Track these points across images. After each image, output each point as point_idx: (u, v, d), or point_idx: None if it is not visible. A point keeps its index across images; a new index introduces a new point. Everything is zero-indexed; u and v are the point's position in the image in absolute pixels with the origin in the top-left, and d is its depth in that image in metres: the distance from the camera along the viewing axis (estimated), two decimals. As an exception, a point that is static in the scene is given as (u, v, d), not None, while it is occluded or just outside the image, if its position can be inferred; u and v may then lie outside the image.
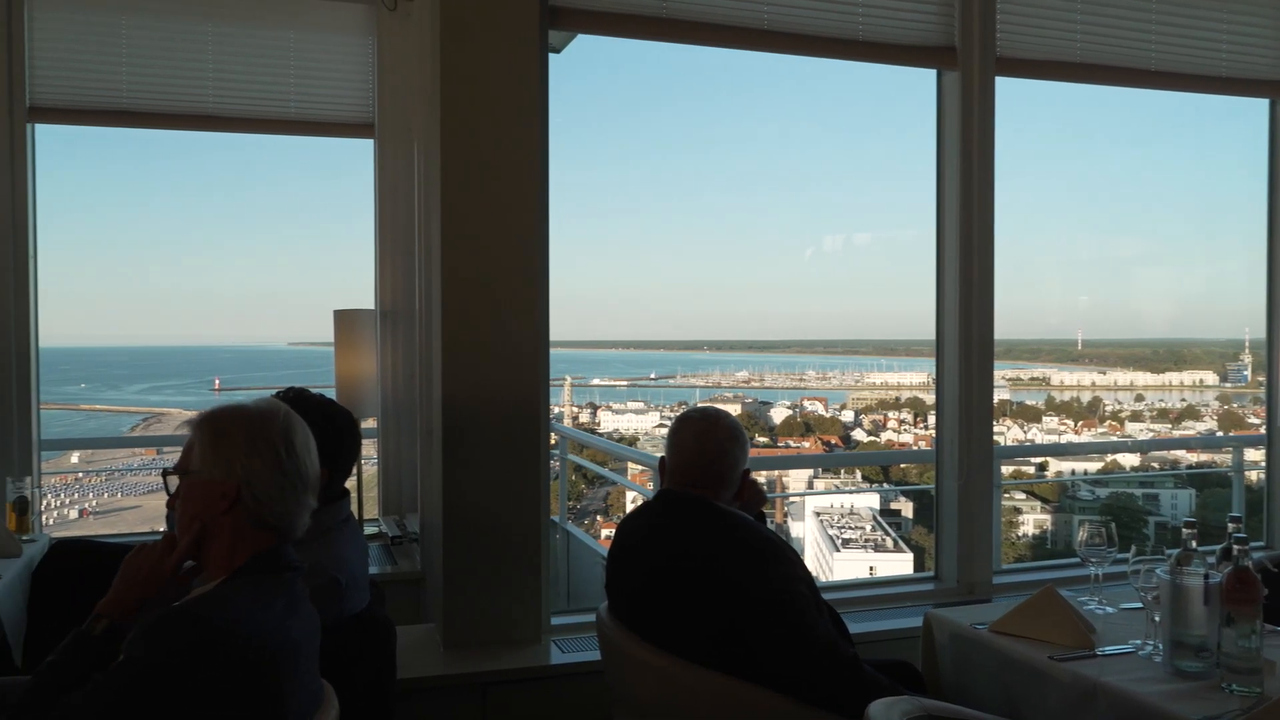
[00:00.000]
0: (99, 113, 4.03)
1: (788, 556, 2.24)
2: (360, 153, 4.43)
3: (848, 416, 37.85)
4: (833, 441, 33.56)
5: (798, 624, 2.13)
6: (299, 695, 1.65)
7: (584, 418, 38.89)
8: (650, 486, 4.79)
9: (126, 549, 3.54)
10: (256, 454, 1.67)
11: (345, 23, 4.32)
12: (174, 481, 1.75)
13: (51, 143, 4.03)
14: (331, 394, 4.06)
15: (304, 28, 4.27)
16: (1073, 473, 20.17)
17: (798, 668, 2.12)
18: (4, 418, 3.89)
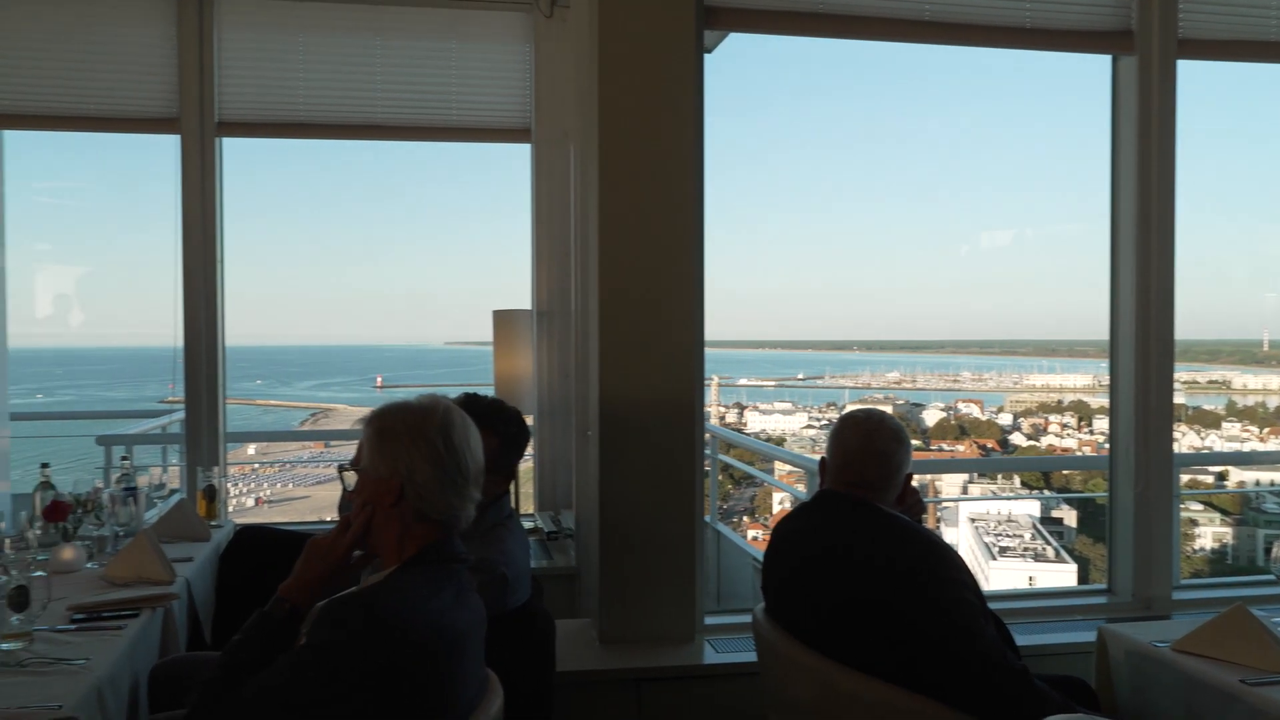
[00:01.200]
0: (279, 125, 4.28)
1: (954, 562, 2.17)
2: (518, 157, 4.55)
3: (1005, 419, 36.40)
4: (989, 445, 32.35)
5: (965, 633, 2.06)
6: (466, 682, 1.70)
7: (730, 417, 38.80)
8: (803, 488, 4.73)
9: (302, 536, 3.75)
10: (416, 450, 1.73)
11: (503, 31, 4.44)
12: (351, 476, 1.83)
13: (236, 155, 4.31)
14: (490, 392, 4.19)
15: (464, 38, 4.41)
16: (1257, 483, 18.75)
17: (965, 678, 2.04)
18: (195, 412, 4.19)
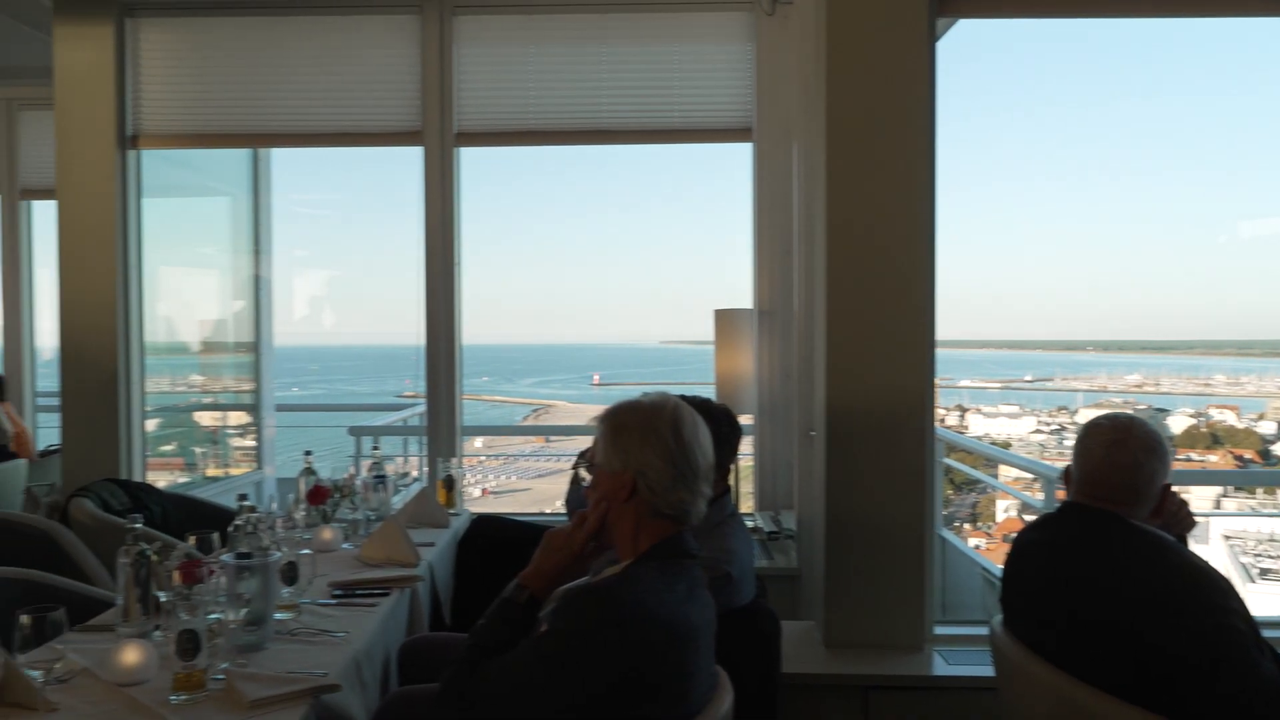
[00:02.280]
0: (511, 134, 4.48)
1: (1220, 585, 1.97)
2: (739, 156, 4.55)
3: (1267, 428, 33.02)
4: (1247, 456, 29.45)
5: (1237, 663, 1.87)
6: (699, 677, 1.72)
7: (951, 420, 37.30)
8: (1038, 496, 4.47)
9: (533, 526, 3.92)
10: (648, 445, 1.77)
11: (725, 31, 4.45)
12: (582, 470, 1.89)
13: (471, 163, 4.55)
14: (710, 391, 4.21)
15: (687, 40, 4.46)
16: None
17: (1236, 713, 1.86)
18: (435, 406, 4.46)
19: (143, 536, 2.21)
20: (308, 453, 3.42)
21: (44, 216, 6.16)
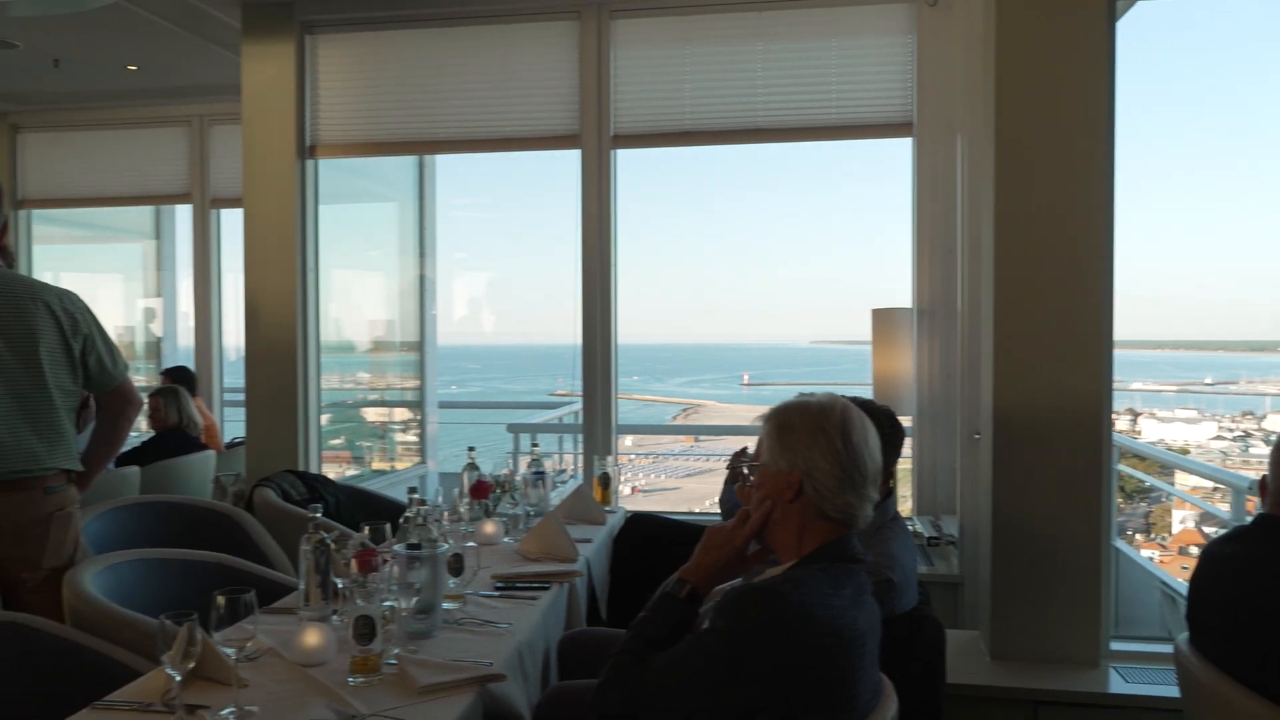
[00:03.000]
0: (667, 135, 4.51)
1: None
2: (899, 151, 4.44)
3: None
4: None
5: None
6: (863, 683, 1.68)
7: (1122, 424, 35.31)
8: (1223, 507, 4.18)
9: (688, 525, 3.92)
10: (816, 446, 1.74)
11: (884, 25, 4.35)
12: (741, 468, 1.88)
13: (626, 164, 4.61)
14: (868, 392, 4.12)
15: (844, 34, 4.38)
16: None
17: None
18: (591, 405, 4.53)
19: (322, 526, 2.33)
20: (471, 448, 3.53)
21: (231, 224, 6.61)
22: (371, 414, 6.33)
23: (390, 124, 4.71)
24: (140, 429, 5.33)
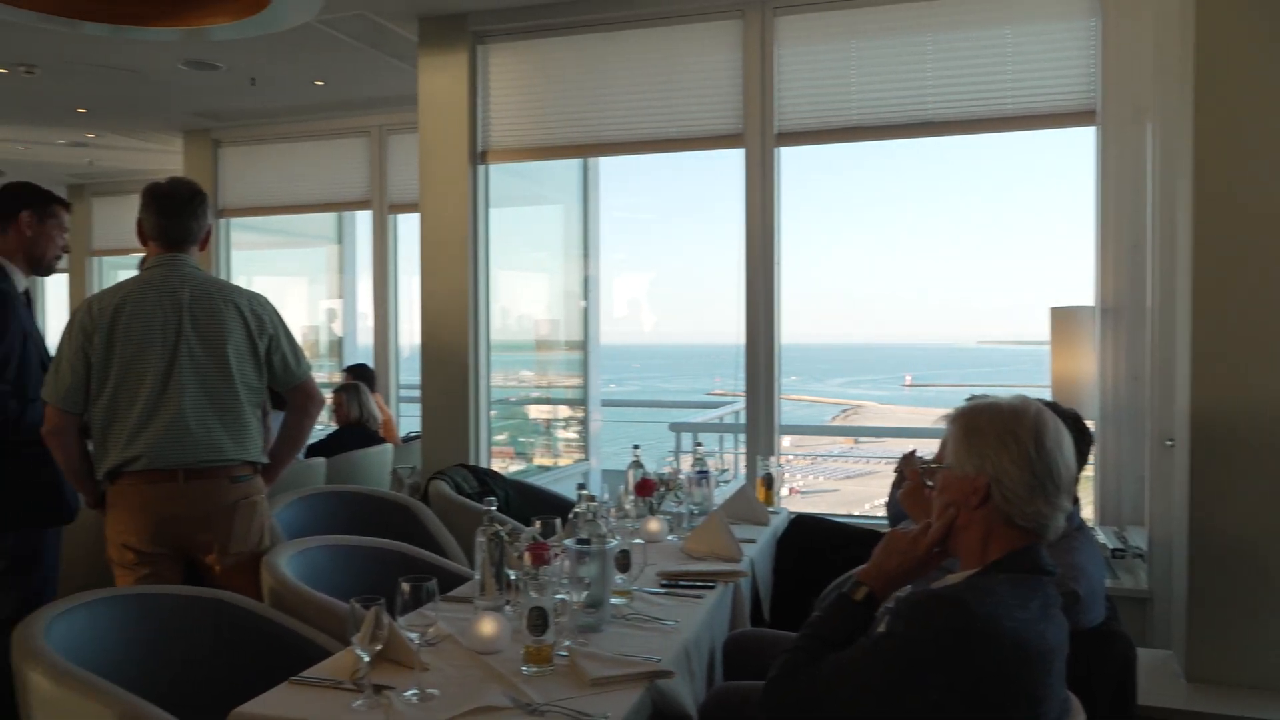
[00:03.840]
0: (832, 131, 4.43)
1: None
2: (1077, 142, 4.21)
3: None
4: None
5: None
6: (1050, 701, 1.60)
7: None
8: None
9: (853, 529, 3.85)
10: (1005, 450, 1.67)
11: (1064, 7, 4.14)
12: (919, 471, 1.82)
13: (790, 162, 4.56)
14: (1045, 395, 3.93)
15: (1020, 20, 4.19)
16: None
17: None
18: (754, 405, 4.51)
19: (496, 519, 2.41)
20: (636, 446, 3.57)
21: (407, 228, 6.92)
22: (535, 411, 6.50)
23: (557, 128, 4.82)
24: (324, 423, 5.65)
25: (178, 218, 2.83)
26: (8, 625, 2.86)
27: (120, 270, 10.08)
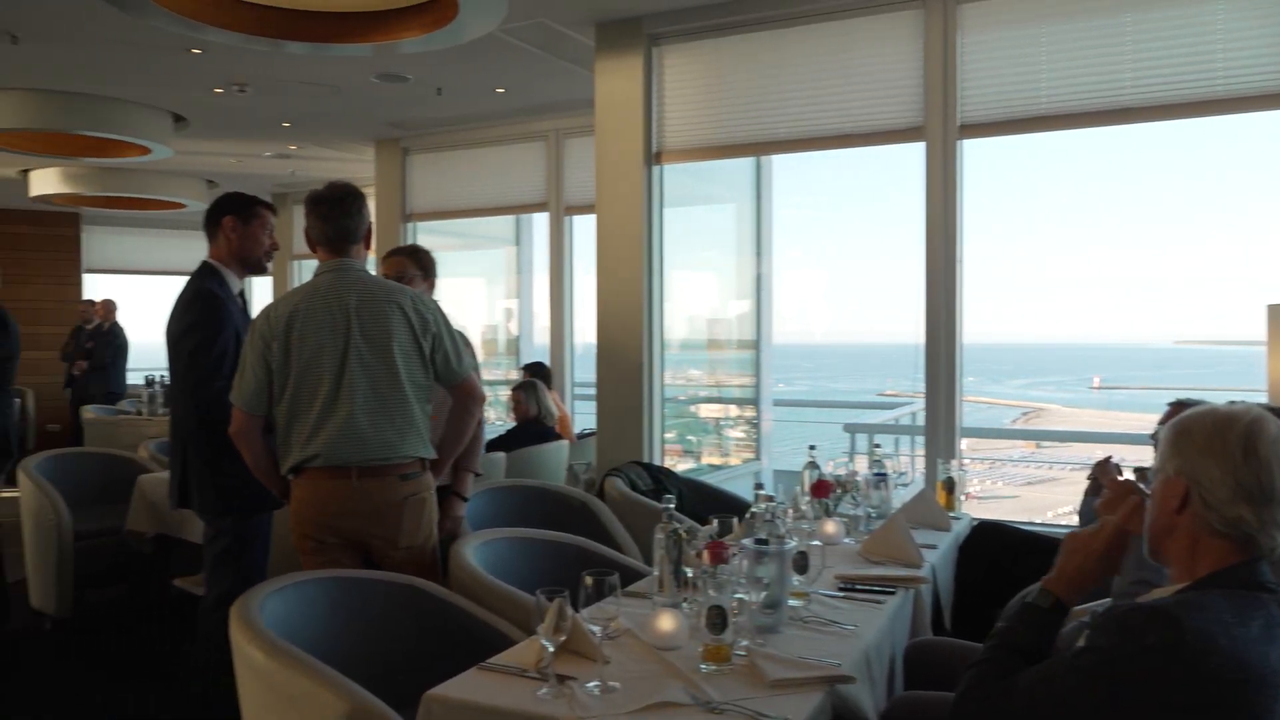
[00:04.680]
0: (1019, 122, 4.24)
1: None
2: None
3: None
4: None
5: None
6: (1272, 729, 1.48)
7: None
8: None
9: (1040, 537, 3.67)
10: (1210, 454, 1.56)
11: (1284, -21, 3.81)
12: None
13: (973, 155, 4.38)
14: (1263, 398, 3.64)
15: (1232, -6, 3.89)
16: None
17: None
18: (934, 406, 4.37)
19: (674, 517, 2.43)
20: (812, 447, 3.52)
21: (581, 229, 7.09)
22: (706, 410, 6.52)
23: (730, 127, 4.82)
24: (503, 419, 5.86)
25: (336, 219, 2.96)
26: (228, 600, 3.12)
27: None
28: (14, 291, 10.33)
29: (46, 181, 9.15)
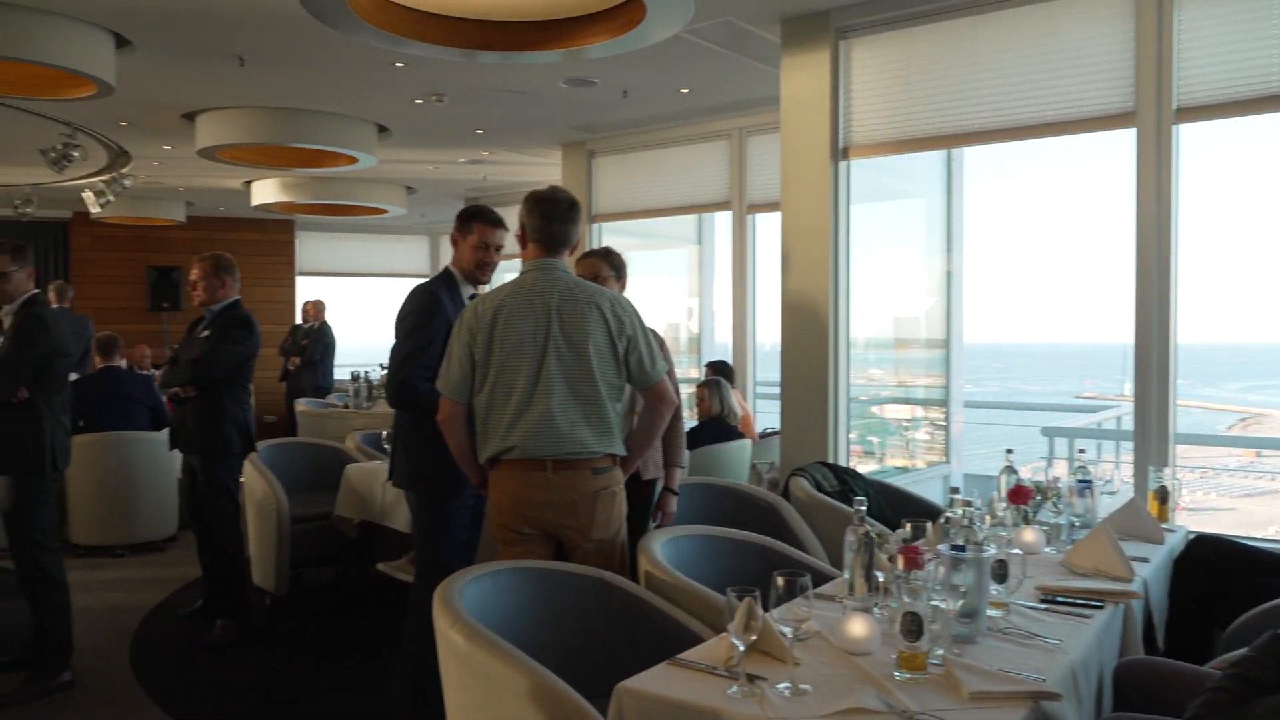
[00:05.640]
0: (1246, 102, 3.90)
1: None
2: None
3: None
4: None
5: None
6: None
7: None
8: None
9: (1264, 555, 3.38)
10: None
11: None
12: None
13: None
14: None
15: None
16: None
17: None
18: (1144, 410, 4.07)
19: (866, 519, 2.38)
20: (1009, 451, 3.37)
21: (764, 228, 7.04)
22: (891, 410, 6.34)
23: (921, 120, 4.66)
24: (685, 416, 5.88)
25: (559, 222, 3.07)
26: (422, 575, 3.32)
27: (506, 272, 11.19)
28: (241, 293, 11.27)
29: (266, 191, 9.92)
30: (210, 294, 4.64)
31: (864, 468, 5.65)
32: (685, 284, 8.30)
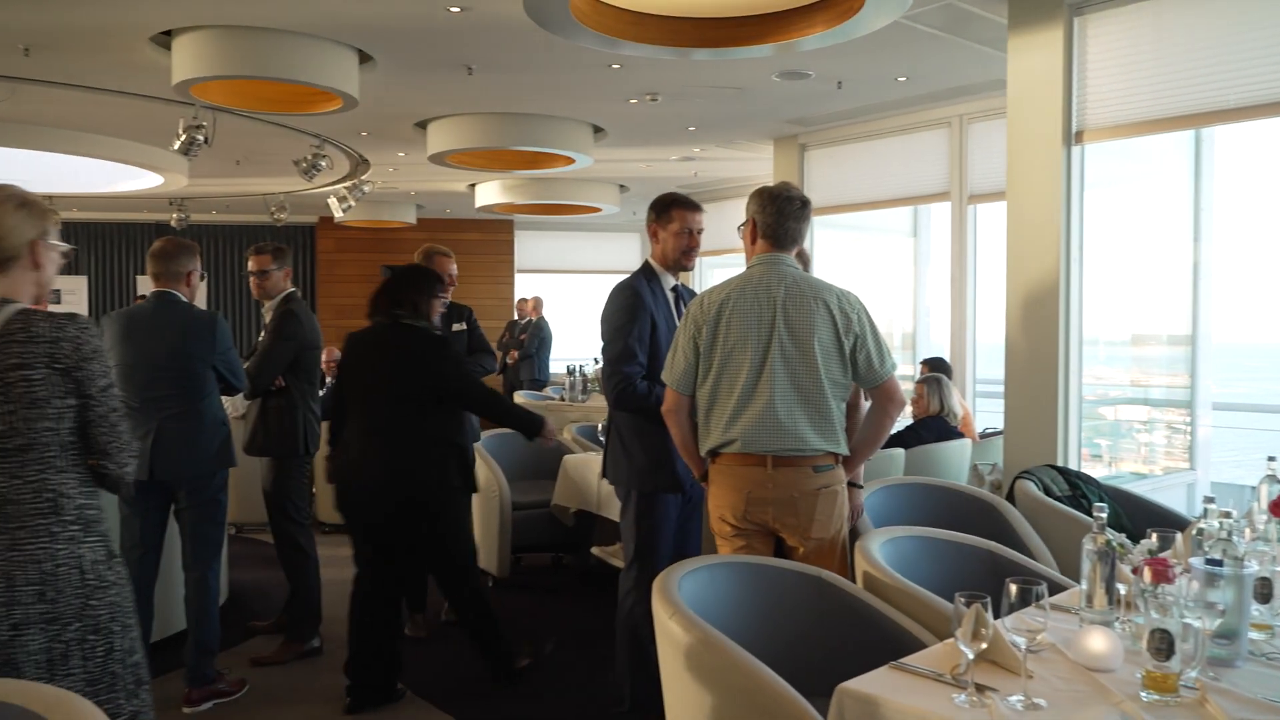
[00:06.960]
0: None
1: None
2: None
3: None
4: None
5: None
6: None
7: None
8: None
9: None
10: None
11: None
12: None
13: None
14: None
15: None
16: None
17: None
18: None
19: (1105, 527, 2.23)
20: (1271, 459, 3.06)
21: (985, 218, 6.72)
22: (1127, 411, 5.91)
23: (1168, 97, 4.30)
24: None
25: (793, 220, 3.06)
26: (632, 565, 3.41)
27: (716, 269, 11.24)
28: (462, 290, 11.93)
29: (489, 193, 10.43)
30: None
31: (1093, 473, 5.31)
32: (899, 278, 8.06)
